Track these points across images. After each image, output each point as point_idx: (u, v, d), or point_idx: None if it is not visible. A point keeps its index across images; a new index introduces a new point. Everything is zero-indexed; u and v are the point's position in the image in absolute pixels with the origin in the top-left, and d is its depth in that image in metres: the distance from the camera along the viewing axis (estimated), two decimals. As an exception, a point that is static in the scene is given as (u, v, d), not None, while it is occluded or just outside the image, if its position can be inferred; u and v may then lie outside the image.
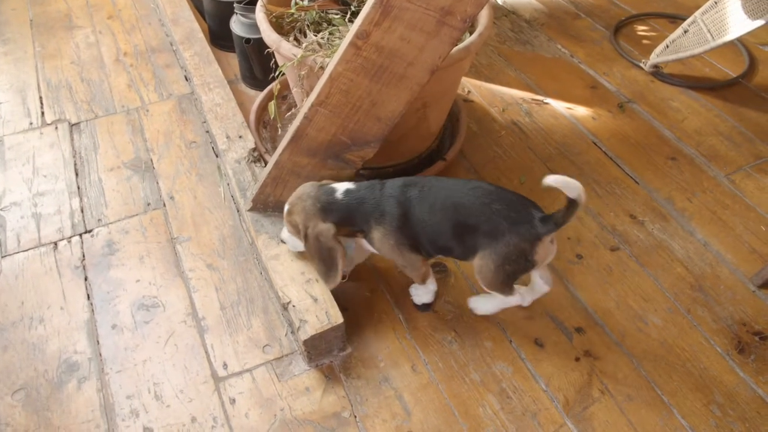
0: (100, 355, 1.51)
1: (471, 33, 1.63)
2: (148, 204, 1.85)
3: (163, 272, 1.68)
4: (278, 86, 1.68)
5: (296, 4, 1.69)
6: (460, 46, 1.53)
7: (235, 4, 2.11)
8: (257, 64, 2.11)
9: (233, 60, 2.34)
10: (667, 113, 2.13)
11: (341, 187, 1.41)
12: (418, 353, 1.52)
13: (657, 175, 1.93)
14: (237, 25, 2.11)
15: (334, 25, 1.65)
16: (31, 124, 2.11)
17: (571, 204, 1.28)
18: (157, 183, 1.91)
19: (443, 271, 1.68)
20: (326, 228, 1.38)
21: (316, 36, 1.58)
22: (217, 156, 1.97)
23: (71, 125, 2.11)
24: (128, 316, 1.58)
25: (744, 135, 2.05)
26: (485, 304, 1.56)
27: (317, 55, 1.46)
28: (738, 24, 1.99)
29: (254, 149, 1.84)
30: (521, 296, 1.49)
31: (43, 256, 1.71)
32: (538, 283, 1.49)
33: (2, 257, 1.72)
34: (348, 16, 1.68)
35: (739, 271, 1.67)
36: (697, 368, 1.48)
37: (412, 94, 1.37)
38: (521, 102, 2.20)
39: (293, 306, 1.48)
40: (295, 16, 1.68)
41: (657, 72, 2.27)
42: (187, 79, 2.26)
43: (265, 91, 2.03)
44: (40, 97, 2.22)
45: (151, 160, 1.98)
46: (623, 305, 1.61)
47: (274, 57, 1.64)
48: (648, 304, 1.61)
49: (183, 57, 2.23)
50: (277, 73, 1.61)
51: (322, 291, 1.51)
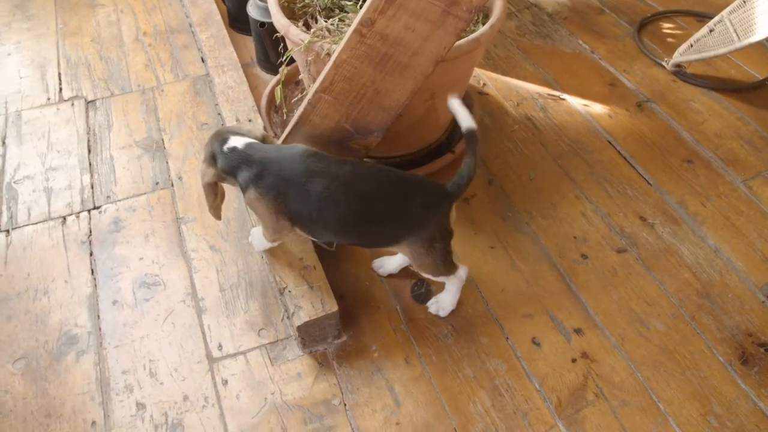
0: (100, 329, 1.54)
1: (484, 24, 1.60)
2: (157, 183, 1.87)
3: (166, 251, 1.70)
4: (285, 71, 1.67)
5: (309, -12, 1.68)
6: (471, 37, 1.50)
7: (252, -13, 2.11)
8: (271, 48, 2.10)
9: (250, 43, 2.34)
10: (686, 114, 2.08)
11: (232, 143, 1.38)
12: (413, 345, 1.51)
13: (671, 178, 1.88)
14: (253, 9, 2.11)
15: (345, 12, 1.64)
16: (48, 99, 2.15)
17: (469, 139, 1.32)
18: (167, 163, 1.93)
19: (444, 264, 1.67)
20: (204, 170, 1.43)
21: (326, 22, 1.56)
22: (227, 139, 1.98)
23: (87, 102, 2.13)
24: (129, 293, 1.60)
25: (766, 140, 1.99)
26: (447, 299, 1.54)
27: (324, 42, 1.45)
28: (766, 24, 1.92)
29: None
30: (464, 267, 1.50)
31: (52, 230, 1.74)
32: None
33: (12, 229, 1.75)
34: (360, 3, 1.67)
35: (749, 280, 1.63)
36: (697, 377, 1.45)
37: (417, 84, 1.35)
38: (537, 97, 2.16)
39: (289, 291, 1.48)
40: (307, 1, 1.67)
41: (679, 71, 2.21)
42: (203, 61, 2.27)
43: (282, 76, 2.02)
44: (59, 74, 2.25)
45: (163, 140, 2.00)
46: (625, 308, 1.58)
47: (283, 42, 1.64)
48: (651, 308, 1.58)
49: (200, 38, 2.23)
50: (284, 58, 1.60)
51: (319, 278, 1.51)
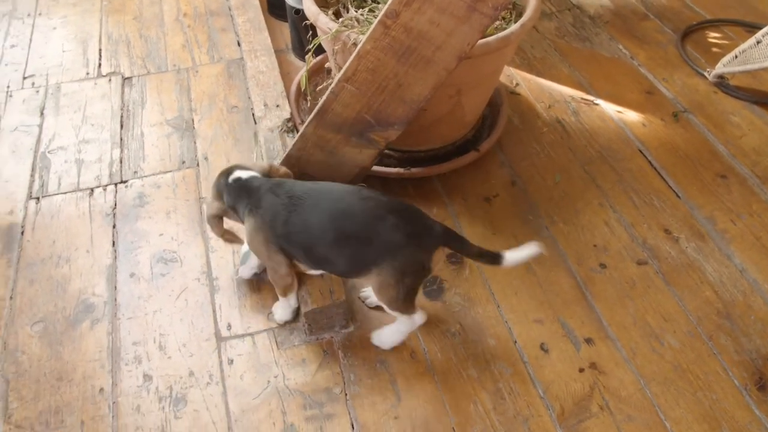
0: (116, 300, 1.58)
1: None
2: (183, 162, 1.90)
3: (186, 229, 1.73)
4: (313, 59, 1.68)
5: (343, -22, 1.68)
6: (500, 35, 1.48)
7: (290, -26, 2.12)
8: (306, 36, 2.11)
9: (286, 30, 2.36)
10: (724, 128, 2.01)
11: (236, 174, 1.39)
12: (420, 341, 1.51)
13: (702, 192, 1.83)
14: (291, -5, 2.13)
15: (376, 3, 1.63)
16: (87, 74, 2.21)
17: (495, 259, 1.32)
18: (195, 143, 1.96)
19: (458, 262, 1.66)
20: (210, 203, 1.45)
21: (356, 12, 1.56)
22: (255, 123, 2.00)
23: (124, 79, 2.18)
24: (147, 267, 1.64)
25: (807, 160, 1.91)
26: (391, 335, 1.47)
27: (351, 31, 1.45)
28: (816, 39, 1.85)
29: (289, 119, 1.85)
30: (422, 314, 1.43)
31: (79, 201, 1.80)
32: None
33: (42, 197, 1.81)
34: (393, -6, 1.66)
35: (774, 303, 1.57)
36: (709, 398, 1.41)
37: (439, 78, 1.34)
38: (570, 100, 2.12)
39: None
40: (340, -10, 1.68)
41: (721, 83, 2.14)
42: (239, 45, 2.29)
43: (312, 62, 2.03)
44: (100, 50, 2.31)
45: (193, 120, 2.04)
46: (641, 322, 1.54)
47: (312, 30, 1.64)
48: (667, 324, 1.54)
49: (237, 22, 2.26)
50: (312, 45, 1.61)
51: (331, 267, 1.51)
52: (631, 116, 2.06)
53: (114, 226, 1.73)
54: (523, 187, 1.85)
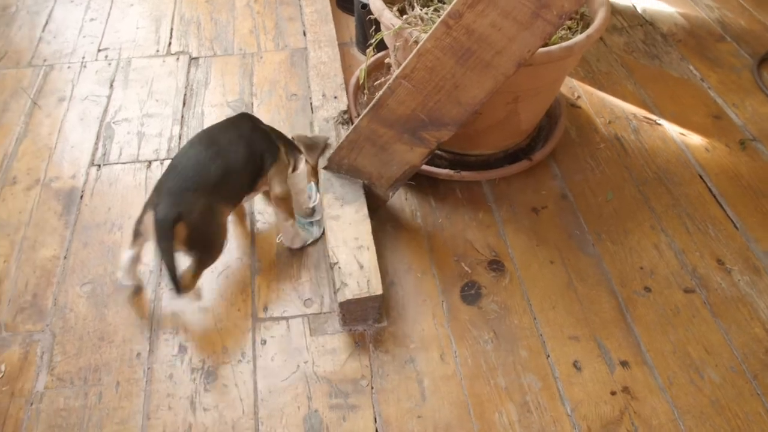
0: (161, 270, 1.63)
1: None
2: (239, 144, 1.95)
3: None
4: (374, 54, 1.69)
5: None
6: (564, 44, 1.46)
7: (360, -31, 2.14)
8: (369, 30, 2.13)
9: (352, 23, 2.39)
10: (794, 160, 1.92)
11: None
12: (451, 344, 1.50)
13: (762, 225, 1.75)
14: (359, -10, 2.15)
15: (442, 3, 1.63)
16: (157, 51, 2.29)
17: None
18: (252, 126, 2.00)
19: (499, 270, 1.64)
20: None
21: (421, 10, 1.57)
22: (312, 112, 2.03)
23: (191, 59, 2.25)
24: (194, 242, 1.69)
25: None
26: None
27: (414, 29, 1.46)
28: None
29: (345, 111, 1.87)
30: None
31: (137, 172, 1.86)
32: None
33: (103, 165, 1.89)
34: (460, -4, 1.66)
35: (828, 349, 1.50)
36: (746, 438, 1.35)
37: (497, 83, 1.33)
38: (631, 118, 2.06)
39: (339, 267, 1.51)
40: (408, -13, 1.68)
41: (796, 114, 2.05)
42: (304, 35, 2.33)
43: (373, 57, 2.05)
44: (171, 29, 2.39)
45: (252, 104, 2.08)
46: (681, 351, 1.49)
47: (376, 25, 1.65)
48: (710, 357, 1.48)
49: (305, 12, 2.30)
50: (374, 40, 1.62)
51: (370, 259, 1.52)
52: (695, 140, 1.99)
53: (167, 200, 1.79)
54: (574, 201, 1.81)
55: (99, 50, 2.32)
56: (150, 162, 1.89)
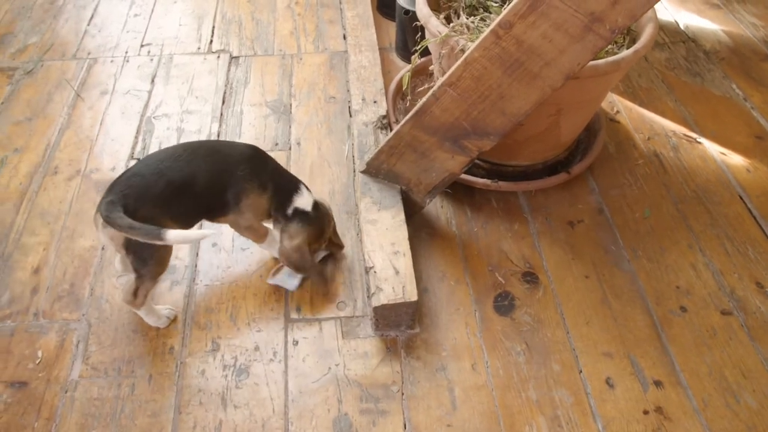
0: (196, 266, 1.65)
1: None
2: (276, 144, 1.97)
3: (270, 209, 1.78)
4: (418, 61, 1.69)
5: (459, -16, 1.69)
6: (611, 59, 1.45)
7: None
8: (411, 37, 2.13)
9: (392, 29, 2.39)
10: (838, 185, 1.88)
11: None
12: (483, 354, 1.49)
13: (803, 249, 1.72)
14: (402, -4, 2.15)
15: (488, 12, 1.63)
16: (198, 49, 2.32)
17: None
18: (290, 127, 2.02)
19: (533, 282, 1.63)
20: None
21: (467, 19, 1.57)
22: (351, 116, 2.04)
23: (231, 57, 2.28)
24: (229, 240, 1.70)
25: None
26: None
27: (461, 37, 1.46)
28: None
29: (384, 116, 1.88)
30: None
31: (176, 167, 1.89)
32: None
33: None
34: (506, 5, 1.65)
35: None
36: (782, 467, 1.33)
37: (543, 95, 1.33)
38: (671, 135, 2.04)
39: (374, 272, 1.51)
40: (454, -4, 1.69)
41: (841, 138, 2.01)
42: (344, 38, 2.34)
43: (413, 64, 2.05)
44: (213, 27, 2.41)
45: (291, 105, 2.10)
46: (717, 374, 1.47)
47: (421, 31, 1.66)
48: (747, 381, 1.46)
49: (346, 16, 2.31)
50: (419, 46, 1.62)
51: (406, 265, 1.52)
52: (736, 159, 1.96)
53: (204, 196, 1.81)
54: (610, 216, 1.80)
55: (142, 45, 2.35)
56: (189, 158, 1.91)
